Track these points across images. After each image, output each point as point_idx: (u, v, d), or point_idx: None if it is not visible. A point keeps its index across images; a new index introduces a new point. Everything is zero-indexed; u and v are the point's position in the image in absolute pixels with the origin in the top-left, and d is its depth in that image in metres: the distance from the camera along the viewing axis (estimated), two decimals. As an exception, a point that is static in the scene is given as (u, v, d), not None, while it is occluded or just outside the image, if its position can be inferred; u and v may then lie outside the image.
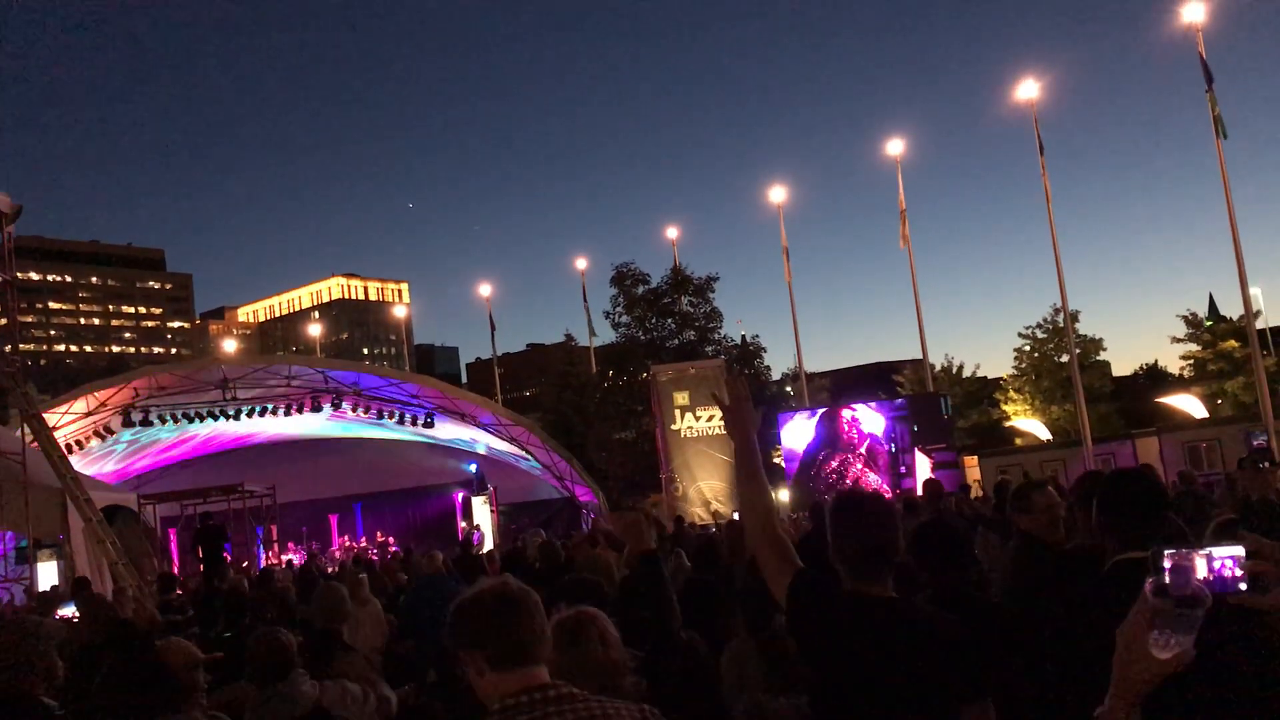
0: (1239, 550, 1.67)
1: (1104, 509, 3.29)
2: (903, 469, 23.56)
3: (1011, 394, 39.87)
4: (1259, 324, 31.85)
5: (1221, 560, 1.66)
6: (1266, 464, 8.06)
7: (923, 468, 22.64)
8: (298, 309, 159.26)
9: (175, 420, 23.54)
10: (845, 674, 2.87)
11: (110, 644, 5.79)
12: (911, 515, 9.97)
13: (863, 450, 24.11)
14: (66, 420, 21.98)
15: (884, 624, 2.91)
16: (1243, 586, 1.66)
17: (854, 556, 2.99)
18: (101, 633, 6.76)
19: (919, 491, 13.59)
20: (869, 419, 24.46)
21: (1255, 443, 22.48)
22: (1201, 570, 1.66)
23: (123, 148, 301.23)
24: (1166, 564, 1.65)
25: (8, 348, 19.50)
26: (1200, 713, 2.50)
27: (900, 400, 25.80)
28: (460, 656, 2.36)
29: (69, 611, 12.18)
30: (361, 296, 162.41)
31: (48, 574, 17.02)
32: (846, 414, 24.81)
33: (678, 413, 24.18)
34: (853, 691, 2.86)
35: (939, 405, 25.99)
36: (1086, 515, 3.54)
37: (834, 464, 24.02)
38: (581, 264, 37.87)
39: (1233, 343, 36.22)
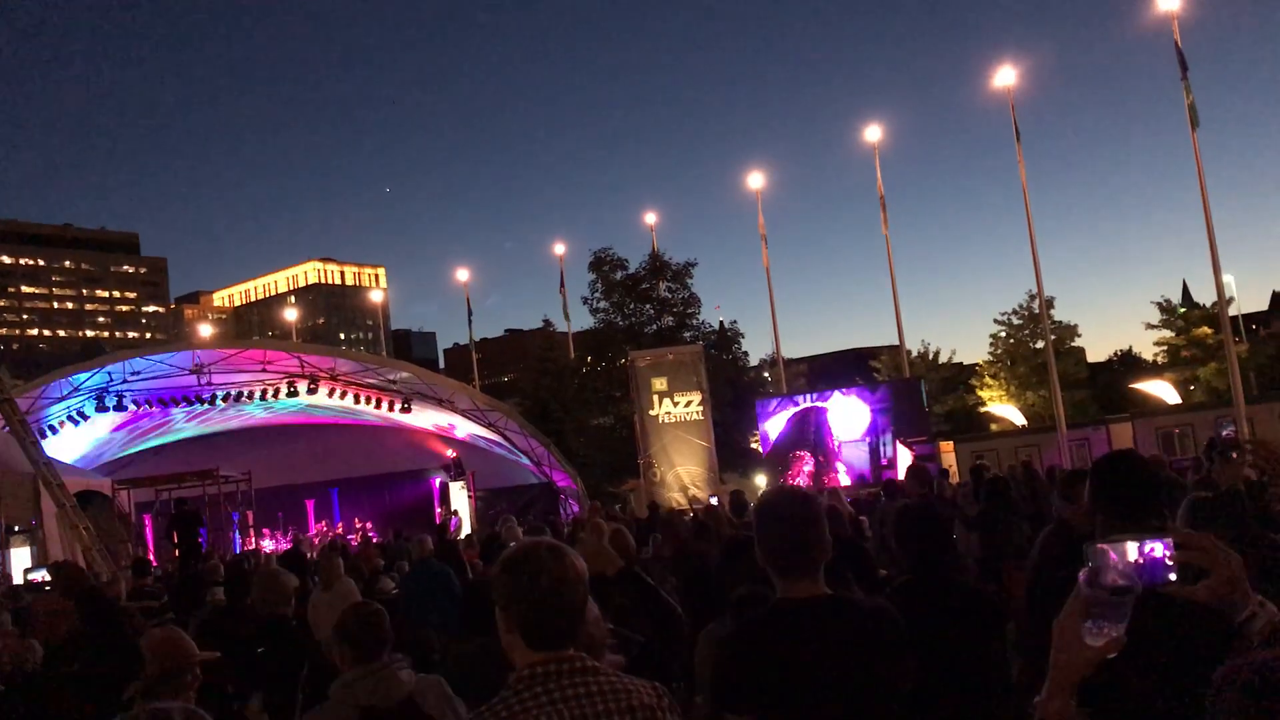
0: (1168, 542, 1.73)
1: (1095, 491, 3.33)
2: (884, 460, 23.50)
3: (987, 380, 40.12)
4: (1232, 311, 32.11)
5: (1151, 551, 1.71)
6: (1235, 454, 8.14)
7: (904, 459, 22.53)
8: (274, 293, 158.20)
9: (150, 405, 23.36)
10: (788, 679, 2.83)
11: (79, 607, 5.76)
12: (893, 501, 10.03)
13: (834, 447, 24.07)
14: (39, 405, 21.78)
15: (819, 625, 2.89)
16: (1172, 577, 1.71)
17: (777, 556, 3.00)
18: (72, 594, 6.66)
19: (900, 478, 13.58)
20: (850, 412, 24.36)
21: (1224, 432, 22.72)
22: (1133, 560, 1.70)
23: (96, 130, 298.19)
24: (1099, 555, 1.70)
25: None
26: (1131, 698, 2.58)
27: (880, 390, 25.56)
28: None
29: (40, 575, 12.18)
30: (338, 281, 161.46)
31: (20, 559, 16.90)
32: (813, 417, 24.61)
33: (656, 398, 24.19)
34: (798, 696, 2.82)
35: (918, 393, 25.88)
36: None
37: (794, 460, 24.03)
38: (560, 249, 37.80)
39: (1206, 329, 36.55)
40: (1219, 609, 1.85)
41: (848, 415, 24.32)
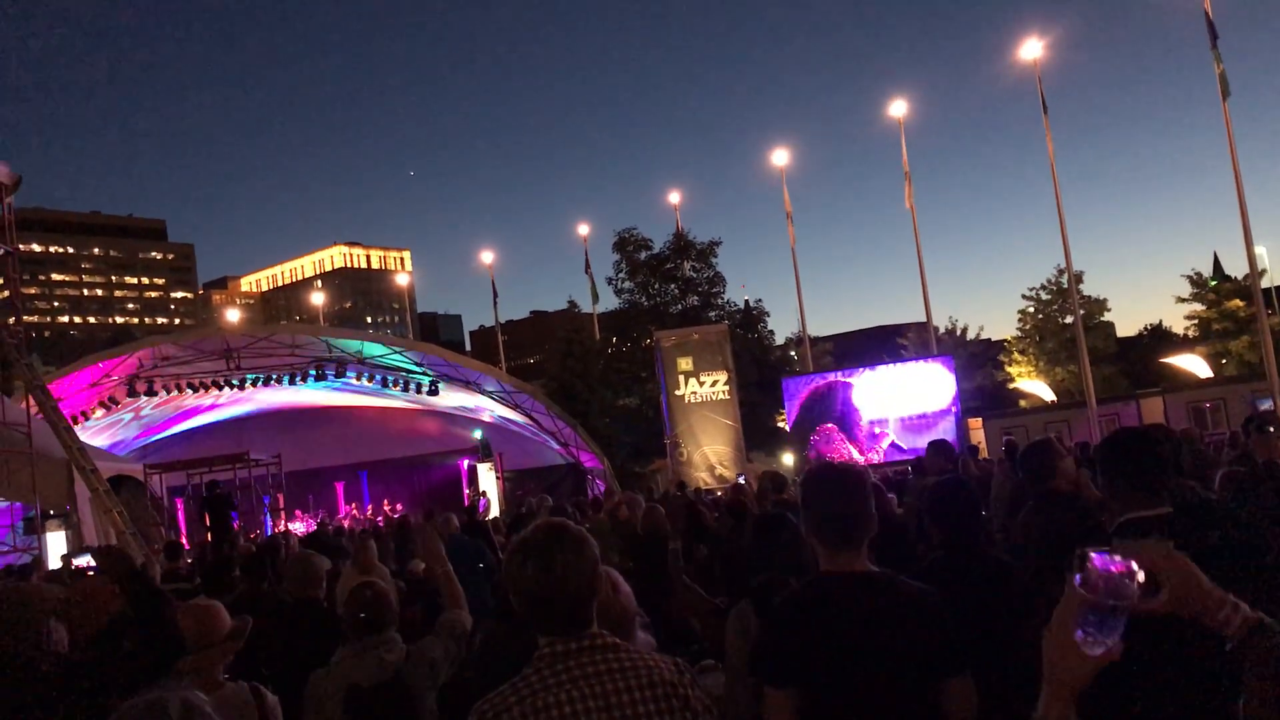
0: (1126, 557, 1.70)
1: (1106, 469, 3.30)
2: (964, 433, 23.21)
3: (1016, 356, 39.84)
4: (1264, 283, 31.65)
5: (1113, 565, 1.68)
6: (1274, 428, 8.03)
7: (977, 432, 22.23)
8: (300, 278, 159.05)
9: (180, 390, 23.57)
10: (828, 653, 2.87)
11: (125, 589, 5.81)
12: (923, 477, 9.92)
13: (861, 423, 23.90)
14: (71, 391, 22.00)
15: (861, 600, 2.92)
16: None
17: (825, 529, 3.04)
18: (118, 579, 6.72)
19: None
20: (934, 381, 23.82)
21: (1262, 406, 22.41)
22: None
23: (123, 117, 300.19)
24: (1092, 562, 1.67)
25: (11, 319, 19.50)
26: (1133, 704, 2.59)
27: (950, 360, 25.31)
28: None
29: (85, 561, 12.32)
30: (364, 265, 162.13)
31: (56, 544, 17.11)
32: (854, 393, 24.26)
33: (681, 378, 24.17)
34: (836, 670, 2.86)
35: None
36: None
37: (819, 436, 23.91)
38: (584, 230, 37.71)
39: (1237, 302, 36.14)
40: (1196, 620, 1.80)
41: (929, 385, 23.61)
